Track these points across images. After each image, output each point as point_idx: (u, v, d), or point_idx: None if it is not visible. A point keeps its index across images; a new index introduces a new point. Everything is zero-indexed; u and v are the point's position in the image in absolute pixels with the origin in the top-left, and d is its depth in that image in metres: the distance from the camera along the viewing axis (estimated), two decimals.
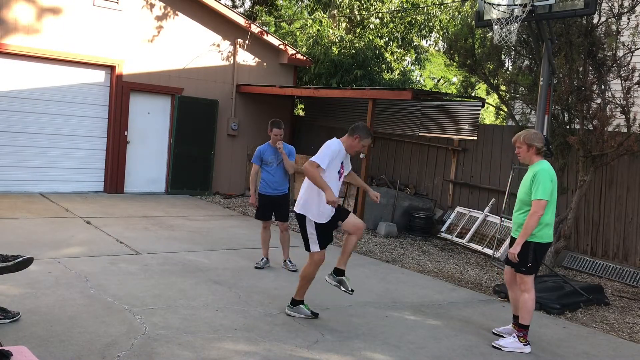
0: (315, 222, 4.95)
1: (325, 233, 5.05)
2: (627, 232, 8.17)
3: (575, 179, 8.22)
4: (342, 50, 15.77)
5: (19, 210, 8.78)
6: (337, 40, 16.23)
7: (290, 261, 6.83)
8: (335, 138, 5.08)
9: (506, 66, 9.28)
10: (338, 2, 17.84)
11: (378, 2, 18.49)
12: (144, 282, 5.68)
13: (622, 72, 7.35)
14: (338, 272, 5.06)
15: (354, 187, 10.62)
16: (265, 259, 6.81)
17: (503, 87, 8.87)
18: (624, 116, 7.39)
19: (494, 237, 8.92)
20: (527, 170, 4.90)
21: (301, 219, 5.03)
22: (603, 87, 7.48)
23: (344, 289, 5.03)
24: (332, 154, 4.87)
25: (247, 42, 12.85)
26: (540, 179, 4.66)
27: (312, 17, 17.42)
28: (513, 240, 4.92)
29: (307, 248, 5.05)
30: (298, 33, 16.90)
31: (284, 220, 6.81)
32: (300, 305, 5.10)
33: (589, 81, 7.35)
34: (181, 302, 5.13)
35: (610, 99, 7.50)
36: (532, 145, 4.81)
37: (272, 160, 6.74)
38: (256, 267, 6.70)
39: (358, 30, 18.33)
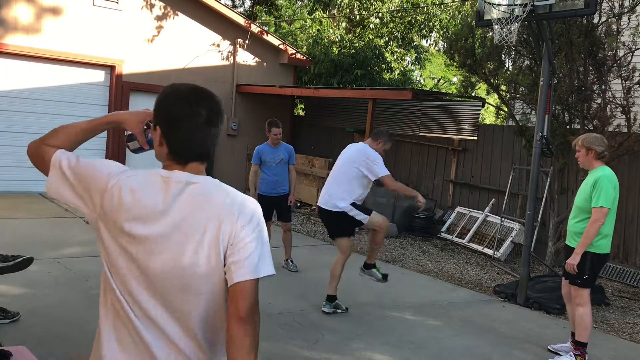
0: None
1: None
2: (627, 232, 8.16)
3: (575, 179, 8.21)
4: (342, 50, 15.75)
5: (19, 210, 8.78)
6: (337, 40, 16.22)
7: (292, 261, 6.80)
8: (364, 145, 5.24)
9: (506, 66, 9.28)
10: (338, 2, 17.83)
11: (378, 2, 18.48)
12: None
13: (622, 72, 7.34)
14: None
15: None
16: None
17: (503, 87, 8.87)
18: (624, 116, 7.39)
19: (494, 237, 8.91)
20: (588, 175, 4.56)
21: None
22: (603, 87, 7.48)
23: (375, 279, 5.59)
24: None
25: (247, 42, 12.85)
26: (602, 186, 4.33)
27: (312, 17, 17.42)
28: (568, 248, 4.64)
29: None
30: (298, 33, 16.89)
31: (287, 220, 6.78)
32: (337, 301, 5.33)
33: (589, 81, 7.35)
34: None
35: (611, 99, 7.50)
36: (592, 149, 4.46)
37: (270, 160, 6.70)
38: None
39: (358, 30, 18.33)
